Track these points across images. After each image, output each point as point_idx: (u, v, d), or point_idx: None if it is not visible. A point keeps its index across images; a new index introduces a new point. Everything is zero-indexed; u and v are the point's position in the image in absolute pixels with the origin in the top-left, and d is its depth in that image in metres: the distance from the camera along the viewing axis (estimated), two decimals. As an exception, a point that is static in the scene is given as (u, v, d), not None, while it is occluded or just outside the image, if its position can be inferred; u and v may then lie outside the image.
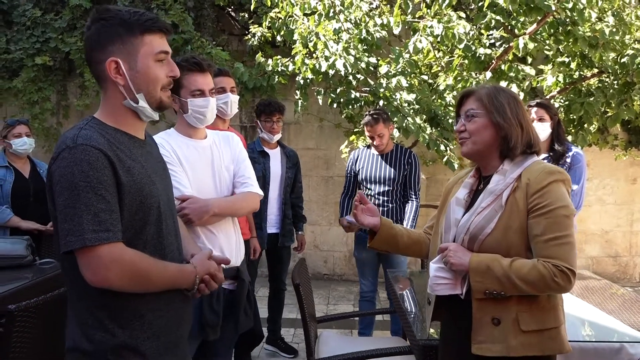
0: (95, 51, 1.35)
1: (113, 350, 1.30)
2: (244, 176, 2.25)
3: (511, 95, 1.68)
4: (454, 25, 3.79)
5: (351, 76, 4.09)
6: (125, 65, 1.33)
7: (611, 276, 6.07)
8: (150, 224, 1.36)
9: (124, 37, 1.33)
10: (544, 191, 1.54)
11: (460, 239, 1.66)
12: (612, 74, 4.29)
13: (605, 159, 6.04)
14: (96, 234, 1.22)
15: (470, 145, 1.68)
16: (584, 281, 3.07)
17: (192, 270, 1.41)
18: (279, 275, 3.92)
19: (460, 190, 1.77)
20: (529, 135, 1.65)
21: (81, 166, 1.23)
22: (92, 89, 5.76)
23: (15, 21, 5.85)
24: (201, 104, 2.15)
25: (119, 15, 1.33)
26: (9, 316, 1.85)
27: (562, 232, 1.52)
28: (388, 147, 3.70)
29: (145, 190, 1.35)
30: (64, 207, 1.24)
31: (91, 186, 1.23)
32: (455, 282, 1.65)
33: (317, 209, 6.23)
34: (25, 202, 3.66)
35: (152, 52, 1.36)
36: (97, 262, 1.23)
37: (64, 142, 1.28)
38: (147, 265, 1.31)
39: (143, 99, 1.37)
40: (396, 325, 3.71)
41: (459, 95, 1.77)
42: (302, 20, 4.22)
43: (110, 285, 1.25)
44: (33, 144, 3.76)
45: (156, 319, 1.37)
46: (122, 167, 1.30)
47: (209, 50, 5.06)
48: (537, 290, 1.53)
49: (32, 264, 3.12)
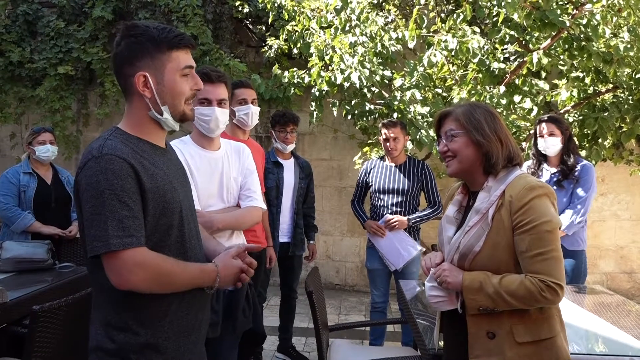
0: (124, 66, 1.42)
1: (136, 350, 1.35)
2: (250, 189, 2.33)
3: (487, 111, 1.71)
4: (468, 40, 3.84)
5: (366, 89, 4.15)
6: (153, 79, 1.40)
7: (626, 292, 6.00)
8: (173, 228, 1.42)
9: (153, 54, 1.40)
10: (526, 208, 1.57)
11: (450, 258, 1.71)
12: (627, 89, 4.29)
13: (620, 174, 6.00)
14: (120, 240, 1.28)
15: (456, 165, 1.71)
16: (597, 296, 3.07)
17: (214, 269, 1.46)
18: (291, 284, 3.96)
19: (450, 207, 1.82)
20: (508, 149, 1.68)
21: (106, 175, 1.29)
22: (112, 98, 5.89)
23: (39, 32, 6.02)
24: (205, 113, 2.22)
25: (148, 32, 1.40)
26: (33, 316, 1.91)
27: (546, 248, 1.55)
28: (401, 158, 3.74)
29: (168, 195, 1.41)
30: (90, 214, 1.30)
31: (115, 194, 1.29)
32: (449, 298, 1.70)
33: (330, 219, 6.27)
34: (46, 208, 3.77)
35: (179, 67, 1.43)
36: (121, 266, 1.29)
37: (90, 153, 1.34)
38: (170, 267, 1.36)
39: (167, 111, 1.44)
40: (407, 337, 3.71)
41: (436, 117, 1.81)
42: (319, 33, 4.30)
43: (134, 287, 1.31)
44: (56, 152, 3.87)
45: (178, 319, 1.42)
46: (146, 174, 1.36)
47: (227, 62, 5.16)
48: (527, 304, 1.57)
49: (52, 267, 3.21)
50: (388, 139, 3.66)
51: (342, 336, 4.42)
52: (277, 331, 4.03)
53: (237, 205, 2.36)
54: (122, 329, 1.35)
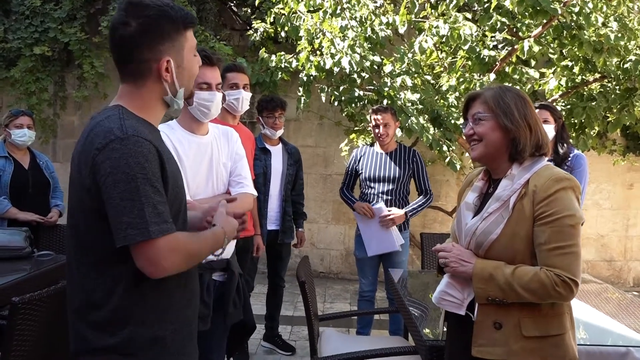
0: (140, 50, 1.29)
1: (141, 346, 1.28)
2: (240, 175, 2.25)
3: (518, 95, 1.64)
4: (460, 26, 3.79)
5: (356, 74, 4.07)
6: (175, 63, 1.33)
7: (605, 280, 6.10)
8: (180, 214, 1.38)
9: (172, 35, 1.31)
10: (550, 199, 1.53)
11: (466, 244, 1.65)
12: (615, 79, 4.31)
13: (603, 163, 6.06)
14: (158, 226, 1.21)
15: (481, 149, 1.65)
16: (586, 285, 3.08)
17: (222, 232, 1.44)
18: (278, 272, 3.90)
19: (469, 194, 1.75)
20: (537, 136, 1.62)
21: (137, 158, 1.20)
22: (91, 80, 5.70)
23: (13, 10, 5.77)
24: (207, 98, 2.13)
25: (165, 12, 1.29)
26: (13, 308, 1.81)
27: (566, 242, 1.51)
28: (392, 145, 3.68)
29: (179, 181, 1.37)
30: (120, 199, 1.19)
31: (148, 178, 1.21)
32: (462, 303, 1.65)
33: (315, 206, 6.21)
34: (23, 194, 3.61)
35: (192, 46, 1.38)
36: (157, 253, 1.21)
37: (110, 132, 1.22)
38: (195, 244, 1.32)
39: (182, 93, 1.38)
40: (394, 325, 3.70)
41: (465, 99, 1.74)
42: (307, 17, 4.20)
43: (168, 273, 1.26)
44: (33, 137, 3.70)
45: (181, 309, 1.37)
46: (166, 158, 1.31)
47: (212, 45, 5.02)
48: (539, 298, 1.53)
49: (30, 255, 3.08)
50: (378, 125, 3.59)
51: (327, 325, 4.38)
52: (263, 320, 3.97)
53: (226, 192, 2.28)
54: (129, 323, 1.27)
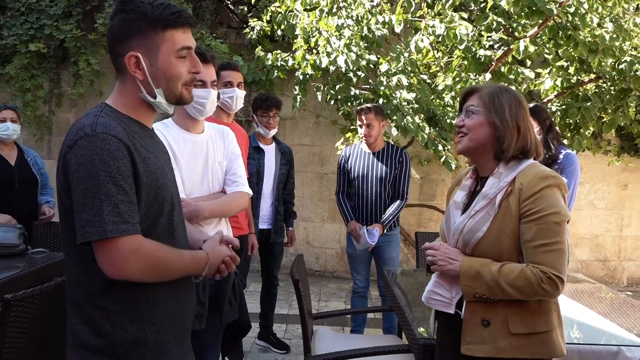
0: (116, 44, 1.31)
1: (125, 345, 1.27)
2: (235, 174, 2.26)
3: (515, 98, 1.65)
4: (456, 26, 3.79)
5: (352, 73, 4.07)
6: (146, 60, 1.30)
7: (599, 280, 6.13)
8: (163, 216, 1.34)
9: (145, 32, 1.29)
10: (536, 196, 1.54)
11: (454, 242, 1.67)
12: (610, 79, 4.32)
13: (597, 163, 6.09)
14: (116, 226, 1.18)
15: (466, 142, 1.68)
16: (579, 284, 3.09)
17: (204, 257, 1.40)
18: (272, 271, 3.90)
19: (458, 193, 1.77)
20: (525, 140, 1.63)
21: (101, 155, 1.19)
22: (87, 78, 5.69)
23: (9, 6, 5.74)
24: (202, 95, 2.13)
25: (141, 9, 1.28)
26: (6, 306, 1.81)
27: (552, 239, 1.52)
28: (379, 144, 3.68)
29: (160, 181, 1.33)
30: (82, 196, 1.19)
31: (111, 176, 1.19)
32: (450, 301, 1.66)
33: (311, 205, 6.22)
34: (9, 190, 3.54)
35: (174, 48, 1.31)
36: (115, 254, 1.19)
37: (81, 130, 1.23)
38: (165, 255, 1.29)
39: (161, 94, 1.34)
40: (388, 323, 3.71)
41: (464, 91, 1.76)
42: (304, 15, 4.20)
43: (128, 277, 1.22)
44: (17, 131, 3.62)
45: (166, 311, 1.35)
46: (139, 157, 1.27)
47: (208, 43, 5.01)
48: (525, 295, 1.54)
49: (24, 253, 3.08)
50: (362, 125, 3.60)
51: (322, 323, 4.39)
52: (257, 318, 3.97)
53: (222, 191, 2.28)
54: (108, 324, 1.26)
